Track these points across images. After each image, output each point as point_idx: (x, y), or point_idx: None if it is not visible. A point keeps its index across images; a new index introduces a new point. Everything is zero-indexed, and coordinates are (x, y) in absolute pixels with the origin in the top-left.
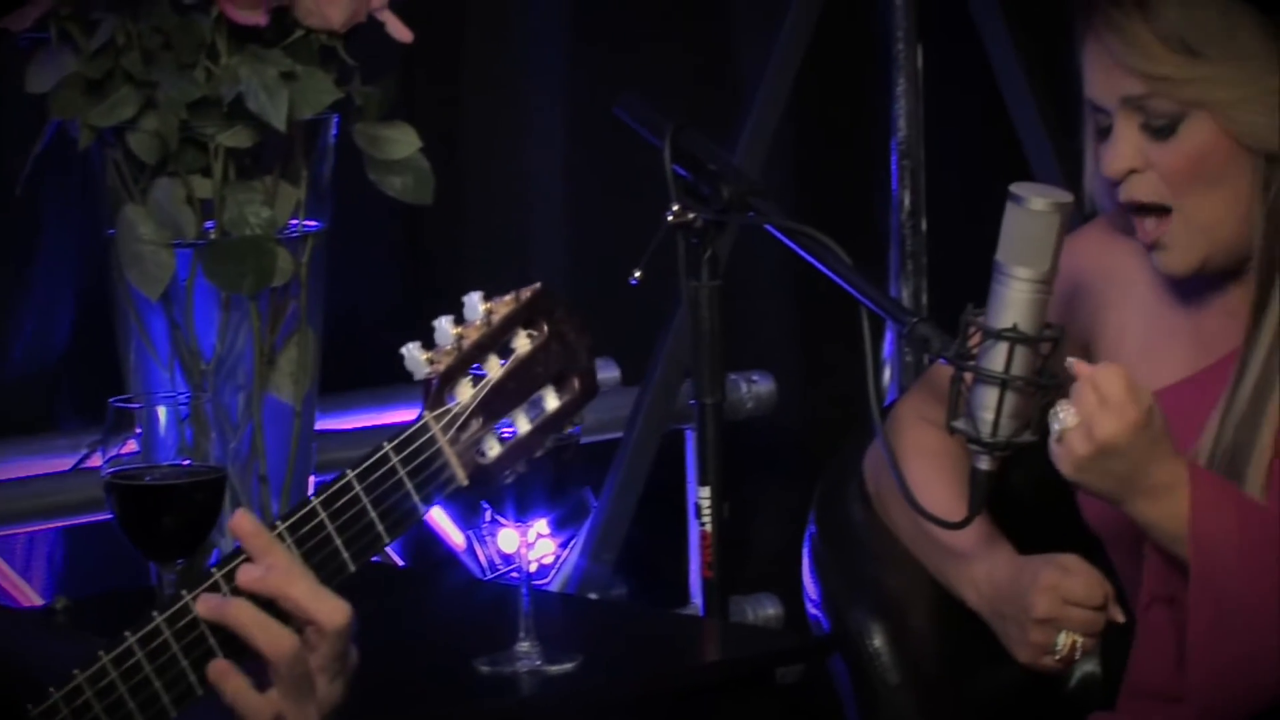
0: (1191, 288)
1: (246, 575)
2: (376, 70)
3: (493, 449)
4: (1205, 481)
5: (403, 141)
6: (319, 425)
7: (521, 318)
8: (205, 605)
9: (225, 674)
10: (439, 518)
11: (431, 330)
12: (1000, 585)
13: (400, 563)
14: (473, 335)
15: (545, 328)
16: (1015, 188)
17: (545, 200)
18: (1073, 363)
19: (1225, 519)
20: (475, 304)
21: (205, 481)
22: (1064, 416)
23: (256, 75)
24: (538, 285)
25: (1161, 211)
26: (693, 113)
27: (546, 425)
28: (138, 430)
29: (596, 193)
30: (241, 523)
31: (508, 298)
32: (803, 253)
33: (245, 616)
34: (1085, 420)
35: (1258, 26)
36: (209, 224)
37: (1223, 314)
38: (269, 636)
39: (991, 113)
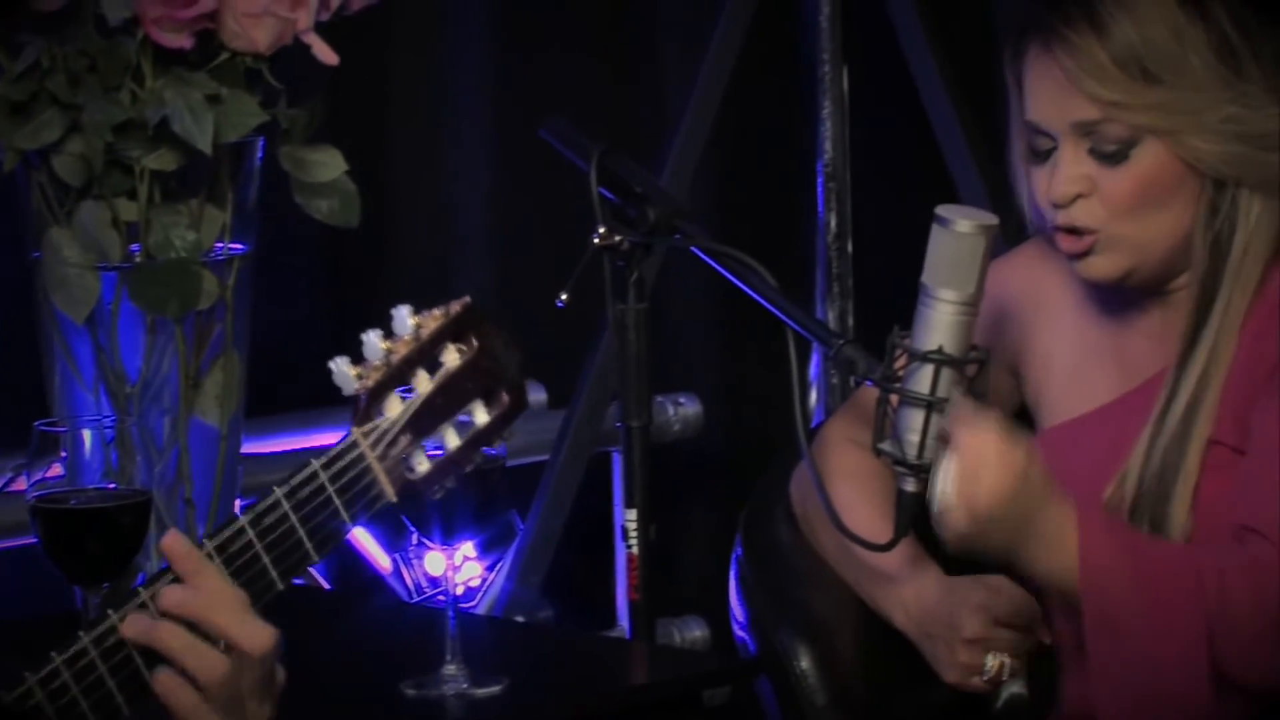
0: (1116, 310)
1: (171, 598)
2: (302, 93)
3: (421, 465)
4: (1093, 524)
5: (329, 164)
6: (245, 448)
7: (450, 332)
8: (133, 628)
9: (175, 689)
10: (365, 540)
11: (359, 346)
12: (928, 606)
13: (327, 585)
14: (401, 350)
15: (474, 342)
16: (941, 210)
17: (471, 223)
18: (944, 429)
19: (1116, 560)
20: (404, 318)
21: (131, 505)
22: (942, 483)
23: (182, 98)
24: (466, 299)
25: (1094, 234)
26: (619, 136)
27: (476, 440)
28: (63, 454)
29: (522, 215)
30: (173, 544)
31: (437, 312)
32: (729, 275)
33: (174, 641)
34: (964, 483)
35: (1209, 50)
36: (134, 247)
37: (1146, 337)
38: (200, 660)
39: (917, 135)
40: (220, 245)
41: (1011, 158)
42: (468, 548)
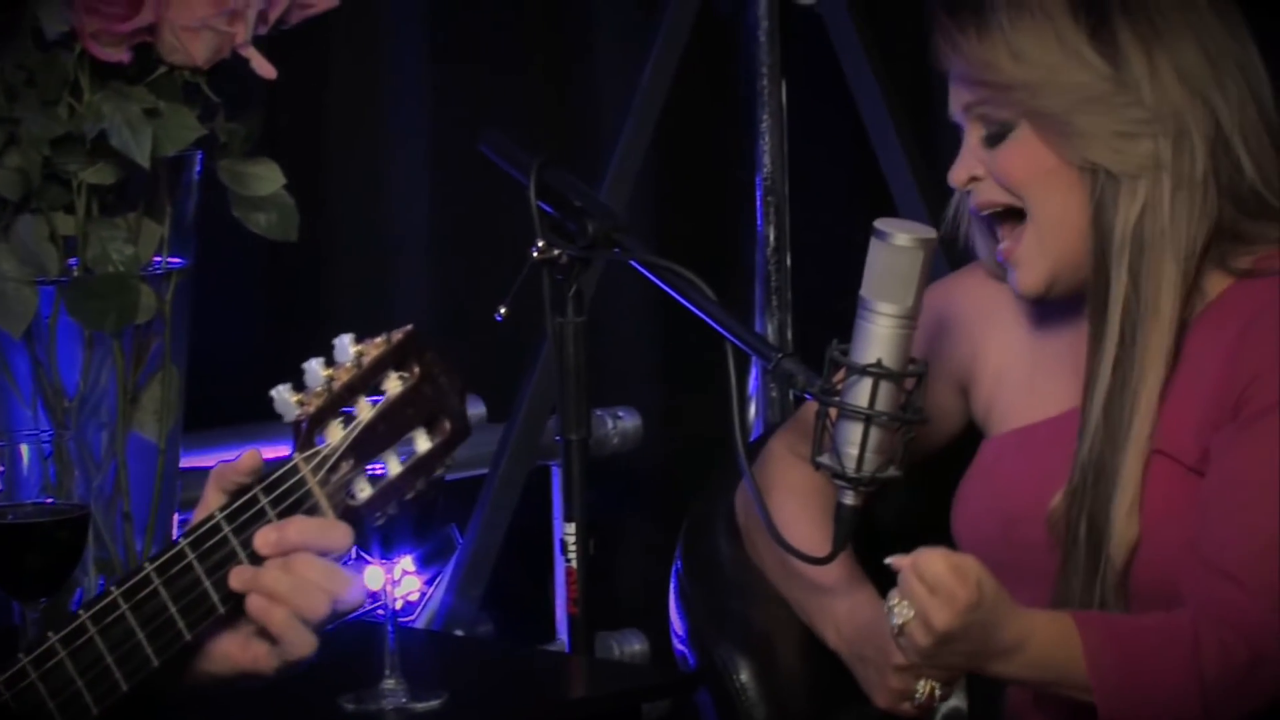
0: (1068, 322)
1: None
2: (240, 107)
3: (363, 491)
4: (1091, 626)
5: (267, 178)
6: (183, 463)
7: (392, 360)
8: (239, 578)
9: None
10: None
11: (300, 371)
12: (861, 627)
13: None
14: (343, 377)
15: (416, 370)
16: (879, 223)
17: (411, 235)
18: (891, 561)
19: (1118, 656)
20: (346, 346)
21: (69, 520)
22: (898, 610)
23: (120, 112)
24: (409, 327)
25: (1016, 216)
26: (557, 149)
27: (418, 467)
28: (0, 468)
29: (462, 228)
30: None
31: (378, 340)
32: (668, 288)
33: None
34: (919, 612)
35: (1085, 42)
36: (72, 261)
37: None
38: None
39: (855, 149)
40: (158, 259)
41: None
42: (406, 562)
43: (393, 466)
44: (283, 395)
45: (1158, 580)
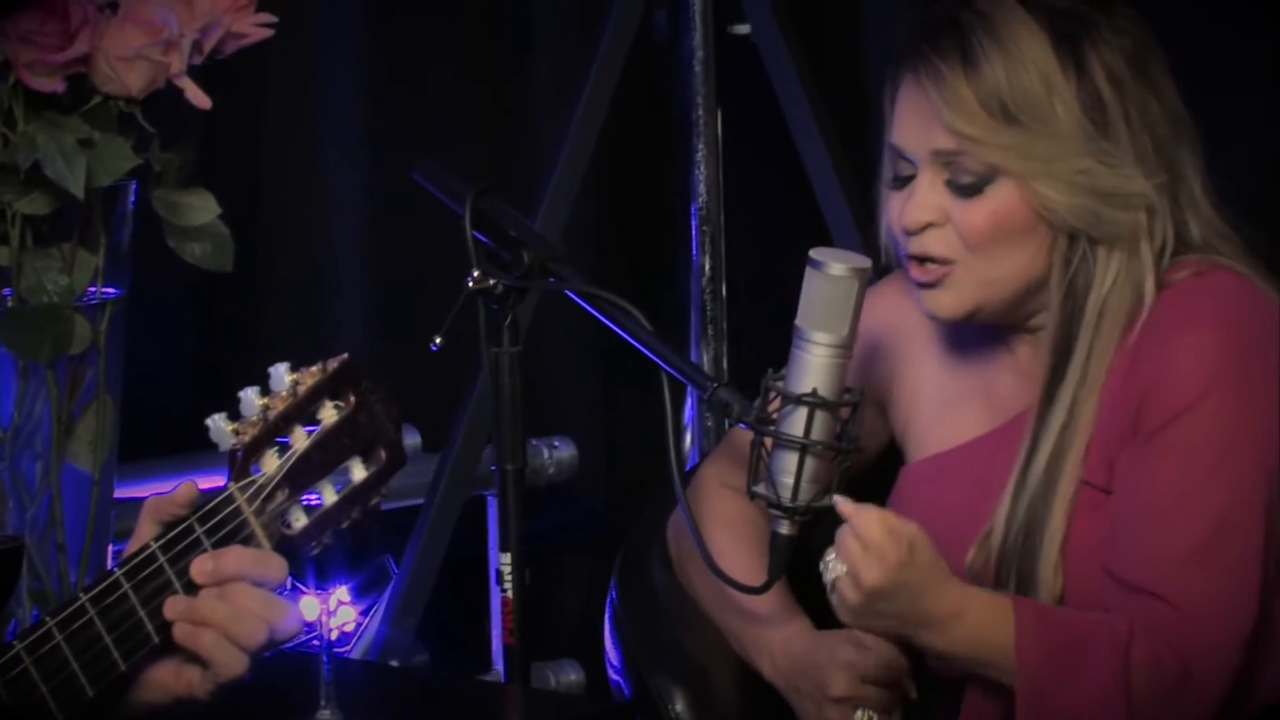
0: (983, 346)
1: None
2: (175, 136)
3: (298, 520)
4: (1026, 610)
5: (202, 208)
6: (118, 493)
7: (328, 389)
8: (173, 609)
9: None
10: None
11: (236, 400)
12: (796, 658)
13: None
14: (278, 406)
15: (352, 399)
16: (814, 253)
17: (346, 266)
18: (837, 500)
19: (1046, 642)
20: (281, 375)
21: (2, 551)
22: (832, 565)
23: (54, 142)
24: (344, 356)
25: (945, 263)
26: (493, 179)
27: (353, 497)
28: None
29: (397, 258)
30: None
31: (314, 369)
32: (603, 318)
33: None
34: (851, 568)
35: (1076, 103)
36: (6, 291)
37: (1014, 374)
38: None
39: (790, 178)
40: (93, 289)
41: (878, 190)
42: (342, 592)
43: (328, 496)
44: (218, 424)
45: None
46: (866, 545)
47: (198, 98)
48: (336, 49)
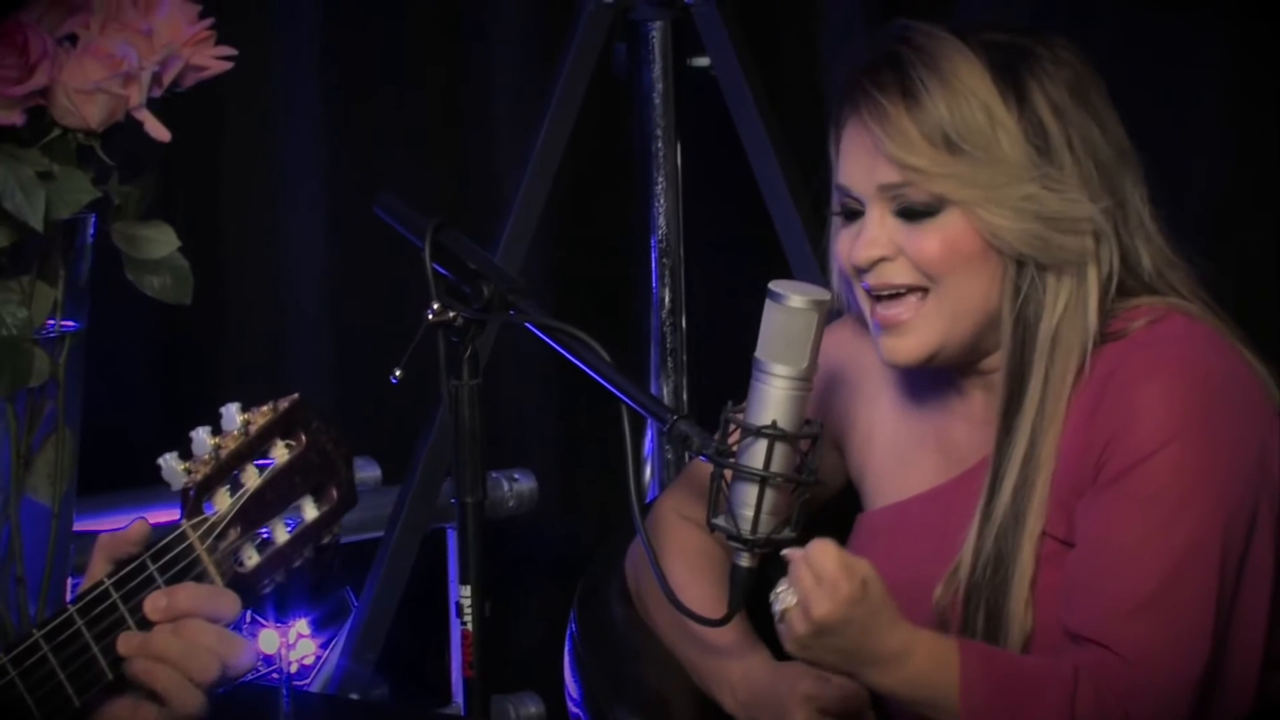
0: (936, 392)
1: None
2: (135, 170)
3: (251, 559)
4: (971, 651)
5: (161, 241)
6: (77, 526)
7: (279, 428)
8: (127, 644)
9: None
10: None
11: (188, 440)
12: (757, 690)
13: None
14: (230, 445)
15: (303, 438)
16: (774, 285)
17: (306, 298)
18: (785, 552)
19: (993, 686)
20: (232, 415)
21: None
22: (783, 596)
23: (13, 175)
24: (295, 396)
25: (919, 291)
26: (453, 211)
27: (305, 535)
28: None
29: (357, 291)
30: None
31: (265, 408)
32: (563, 350)
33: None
34: (802, 599)
35: (1020, 131)
36: None
37: (968, 422)
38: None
39: (750, 210)
40: (52, 322)
41: (829, 239)
42: (302, 625)
43: (280, 534)
44: (170, 464)
45: None
46: (819, 578)
47: (157, 130)
48: (295, 82)
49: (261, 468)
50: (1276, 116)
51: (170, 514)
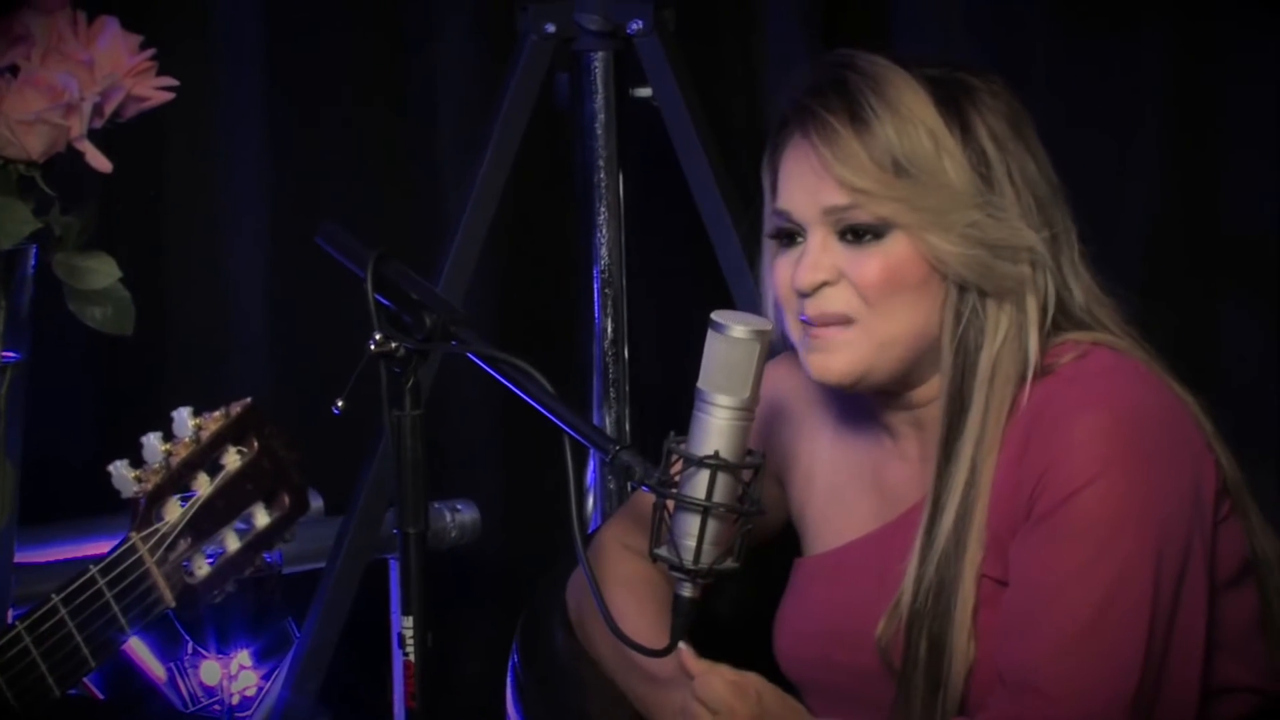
0: (873, 433)
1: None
2: (76, 200)
3: (200, 569)
4: None
5: (102, 271)
6: (18, 557)
7: (231, 434)
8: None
9: None
10: (139, 649)
11: (139, 449)
12: None
13: (100, 695)
14: (181, 453)
15: (255, 444)
16: (716, 315)
17: (248, 329)
18: (683, 651)
19: None
20: (184, 420)
21: None
22: None
23: None
24: (248, 401)
25: (845, 322)
26: (395, 241)
27: (256, 543)
28: None
29: (299, 322)
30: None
31: (217, 414)
32: (505, 381)
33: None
34: None
35: (963, 161)
36: None
37: (904, 462)
38: None
39: (693, 241)
40: None
41: (761, 275)
42: (243, 656)
43: (231, 543)
44: (120, 471)
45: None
46: (716, 710)
47: (98, 161)
48: (237, 112)
49: (213, 475)
50: (1213, 140)
51: (105, 547)
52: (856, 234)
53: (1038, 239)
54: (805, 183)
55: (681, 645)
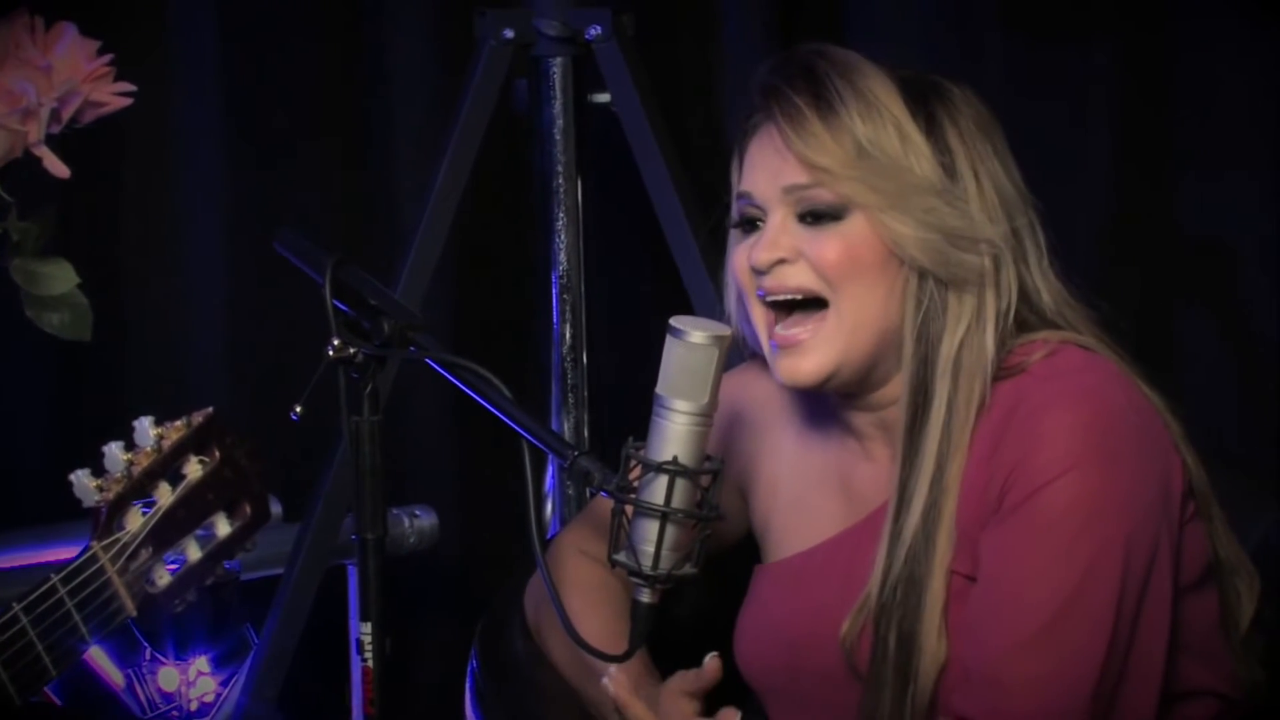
0: (837, 437)
1: None
2: (33, 206)
3: (162, 578)
4: None
5: (60, 277)
6: None
7: (193, 444)
8: None
9: None
10: (98, 656)
11: (100, 458)
12: None
13: (59, 702)
14: (143, 462)
15: (216, 453)
16: (675, 321)
17: (206, 335)
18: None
19: None
20: (146, 429)
21: None
22: None
23: None
24: (209, 410)
25: (817, 305)
26: (354, 247)
27: (218, 552)
28: None
29: (257, 327)
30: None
31: (179, 423)
32: (464, 386)
33: None
34: None
35: (927, 152)
36: None
37: (869, 463)
38: None
39: (651, 247)
40: None
41: (724, 277)
42: (202, 662)
43: (192, 552)
44: (81, 480)
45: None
46: None
47: (56, 167)
48: (195, 117)
49: (174, 484)
50: (1166, 146)
51: (70, 551)
52: (816, 216)
53: (996, 233)
54: (768, 163)
55: (610, 677)
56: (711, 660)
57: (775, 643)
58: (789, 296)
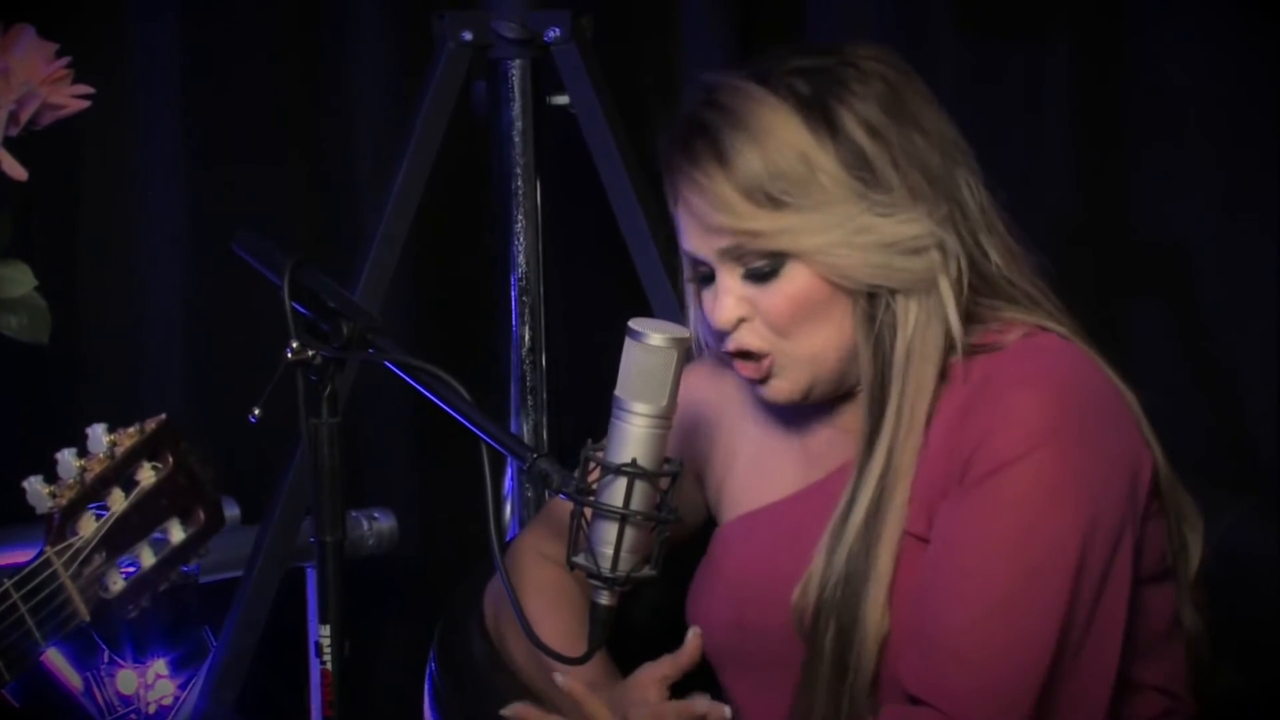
0: (800, 409)
1: None
2: None
3: (116, 584)
4: None
5: (18, 280)
6: None
7: (146, 450)
8: None
9: None
10: (56, 658)
11: (54, 464)
12: None
13: (15, 704)
14: (96, 468)
15: (170, 460)
16: (634, 323)
17: (165, 337)
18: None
19: None
20: (99, 436)
21: None
22: None
23: None
24: (162, 417)
25: (764, 355)
26: (313, 249)
27: (171, 558)
28: None
29: (216, 330)
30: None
31: (132, 429)
32: (422, 389)
33: None
34: None
35: (839, 167)
36: None
37: (830, 428)
38: None
39: (611, 249)
40: None
41: (685, 283)
42: (160, 665)
43: (146, 558)
44: (35, 487)
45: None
46: None
47: (13, 169)
48: (154, 119)
49: (128, 490)
50: (1121, 145)
51: (26, 555)
52: (756, 275)
53: (932, 223)
54: (697, 229)
55: (564, 673)
56: (694, 639)
57: (726, 600)
58: (752, 353)
